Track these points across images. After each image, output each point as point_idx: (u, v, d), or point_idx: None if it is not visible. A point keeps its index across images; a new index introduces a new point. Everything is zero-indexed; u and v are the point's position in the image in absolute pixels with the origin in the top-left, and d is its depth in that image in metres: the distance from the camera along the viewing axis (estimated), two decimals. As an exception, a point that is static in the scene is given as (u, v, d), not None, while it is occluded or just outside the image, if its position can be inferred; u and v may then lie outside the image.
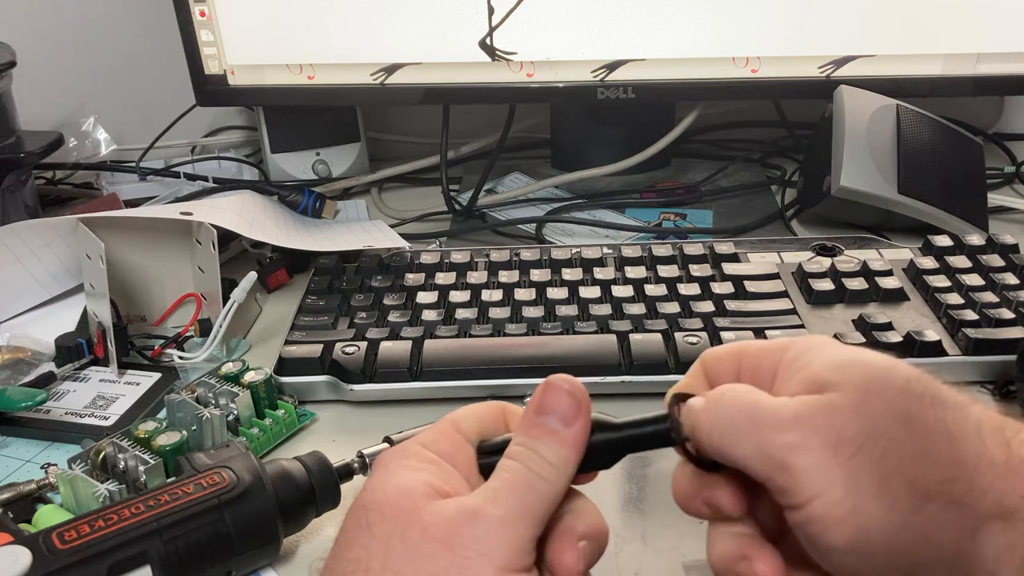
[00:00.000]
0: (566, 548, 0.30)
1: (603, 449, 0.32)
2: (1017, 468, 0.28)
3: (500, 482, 0.30)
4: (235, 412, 0.53)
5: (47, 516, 0.47)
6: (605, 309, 0.60)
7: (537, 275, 0.65)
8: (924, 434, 0.28)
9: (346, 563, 0.29)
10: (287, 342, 0.60)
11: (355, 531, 0.29)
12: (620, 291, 0.62)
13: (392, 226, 0.77)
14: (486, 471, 0.33)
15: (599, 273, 0.65)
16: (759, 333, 0.57)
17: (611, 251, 0.67)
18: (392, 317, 0.61)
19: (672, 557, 0.44)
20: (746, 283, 0.62)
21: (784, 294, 0.62)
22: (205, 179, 0.88)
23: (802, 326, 0.58)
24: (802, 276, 0.63)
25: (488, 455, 0.33)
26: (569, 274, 0.64)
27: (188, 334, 0.63)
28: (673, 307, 0.60)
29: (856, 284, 0.62)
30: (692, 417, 0.31)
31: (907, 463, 0.28)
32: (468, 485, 0.31)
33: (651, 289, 0.62)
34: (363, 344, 0.58)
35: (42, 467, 0.52)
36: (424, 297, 0.63)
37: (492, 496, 0.30)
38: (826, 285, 0.62)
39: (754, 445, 0.29)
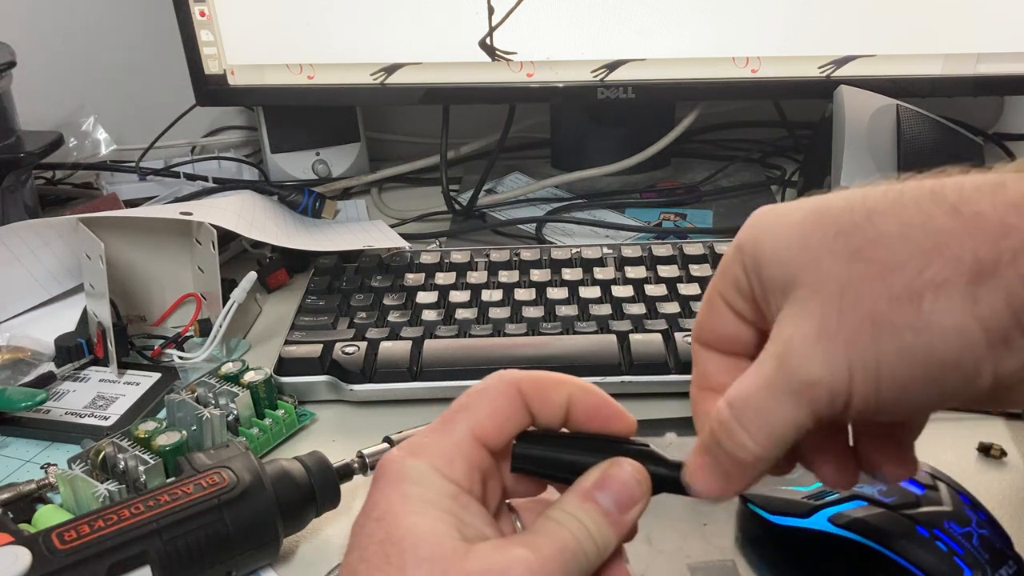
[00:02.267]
0: None
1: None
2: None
3: (544, 540, 0.29)
4: (235, 412, 0.53)
5: (47, 516, 0.47)
6: (605, 309, 0.60)
7: (537, 275, 0.65)
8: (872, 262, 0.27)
9: None
10: (287, 342, 0.60)
11: (384, 568, 0.27)
12: (620, 291, 0.62)
13: (392, 226, 0.77)
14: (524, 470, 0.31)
15: (599, 273, 0.65)
16: (759, 333, 0.57)
17: (611, 251, 0.67)
18: (392, 317, 0.61)
19: (677, 558, 0.44)
20: (746, 283, 0.62)
21: (784, 294, 0.62)
22: (205, 179, 0.88)
23: (802, 326, 0.58)
24: (802, 276, 0.63)
25: (529, 454, 0.31)
26: (569, 274, 0.65)
27: (188, 334, 0.63)
28: (673, 307, 0.60)
29: (856, 284, 0.62)
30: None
31: (866, 304, 0.26)
32: (489, 518, 0.30)
33: (651, 289, 0.62)
34: (363, 344, 0.58)
35: (42, 467, 0.52)
36: (424, 297, 0.63)
37: (541, 549, 0.28)
38: (826, 285, 0.62)
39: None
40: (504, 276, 0.65)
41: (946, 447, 0.51)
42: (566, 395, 0.31)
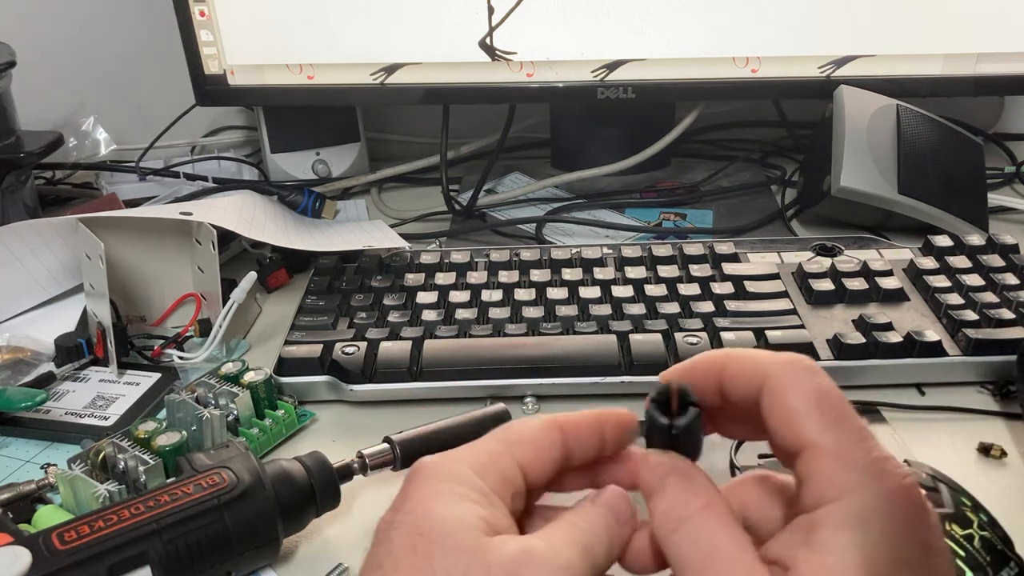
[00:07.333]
0: None
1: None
2: None
3: (563, 532, 0.29)
4: (235, 412, 0.53)
5: (47, 516, 0.47)
6: (605, 309, 0.60)
7: (537, 275, 0.65)
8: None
9: None
10: (287, 342, 0.60)
11: (409, 559, 0.28)
12: (620, 291, 0.62)
13: (392, 226, 0.77)
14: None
15: (599, 273, 0.65)
16: (759, 333, 0.57)
17: (611, 251, 0.67)
18: (392, 317, 0.61)
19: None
20: (746, 283, 0.62)
21: (784, 294, 0.62)
22: (205, 179, 0.88)
23: (802, 326, 0.58)
24: (802, 276, 0.63)
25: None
26: (569, 274, 0.64)
27: (188, 334, 0.63)
28: (673, 307, 0.60)
29: (856, 284, 0.62)
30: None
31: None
32: (512, 523, 0.30)
33: (651, 289, 0.62)
34: (363, 344, 0.58)
35: (42, 467, 0.52)
36: (424, 297, 0.63)
37: (555, 543, 0.29)
38: (826, 285, 0.62)
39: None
40: (504, 276, 0.65)
41: (946, 448, 0.51)
42: (600, 428, 0.32)
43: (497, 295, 0.63)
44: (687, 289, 0.62)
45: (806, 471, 0.28)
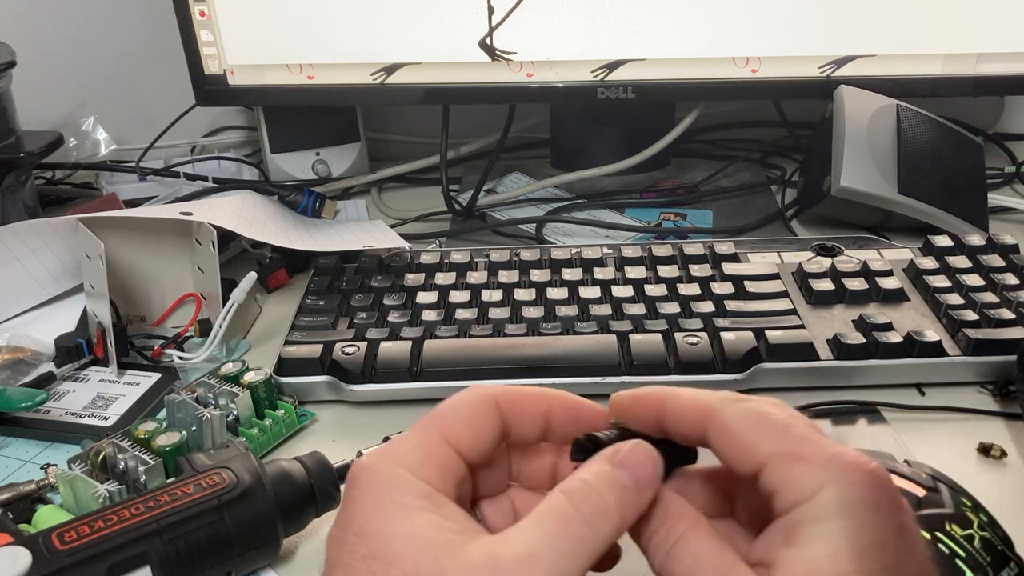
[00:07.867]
0: None
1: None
2: None
3: (539, 523, 0.27)
4: (235, 412, 0.53)
5: (47, 516, 0.47)
6: (605, 309, 0.60)
7: (537, 275, 0.65)
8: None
9: None
10: (287, 342, 0.60)
11: None
12: (620, 291, 0.62)
13: (392, 226, 0.77)
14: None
15: (599, 273, 0.65)
16: (759, 333, 0.57)
17: (611, 251, 0.67)
18: (392, 317, 0.61)
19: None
20: (746, 283, 0.62)
21: (784, 294, 0.62)
22: (205, 179, 0.88)
23: (802, 326, 0.58)
24: (802, 276, 0.63)
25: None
26: (569, 274, 0.64)
27: (188, 334, 0.63)
28: (673, 307, 0.60)
29: (856, 284, 0.62)
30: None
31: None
32: (464, 518, 0.29)
33: (651, 289, 0.62)
34: (363, 344, 0.58)
35: (42, 467, 0.52)
36: (424, 297, 0.63)
37: (535, 541, 0.27)
38: (826, 285, 0.62)
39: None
40: (504, 276, 0.65)
41: (946, 448, 0.51)
42: (544, 409, 0.31)
43: (497, 295, 0.63)
44: (687, 289, 0.62)
45: (774, 482, 0.28)
